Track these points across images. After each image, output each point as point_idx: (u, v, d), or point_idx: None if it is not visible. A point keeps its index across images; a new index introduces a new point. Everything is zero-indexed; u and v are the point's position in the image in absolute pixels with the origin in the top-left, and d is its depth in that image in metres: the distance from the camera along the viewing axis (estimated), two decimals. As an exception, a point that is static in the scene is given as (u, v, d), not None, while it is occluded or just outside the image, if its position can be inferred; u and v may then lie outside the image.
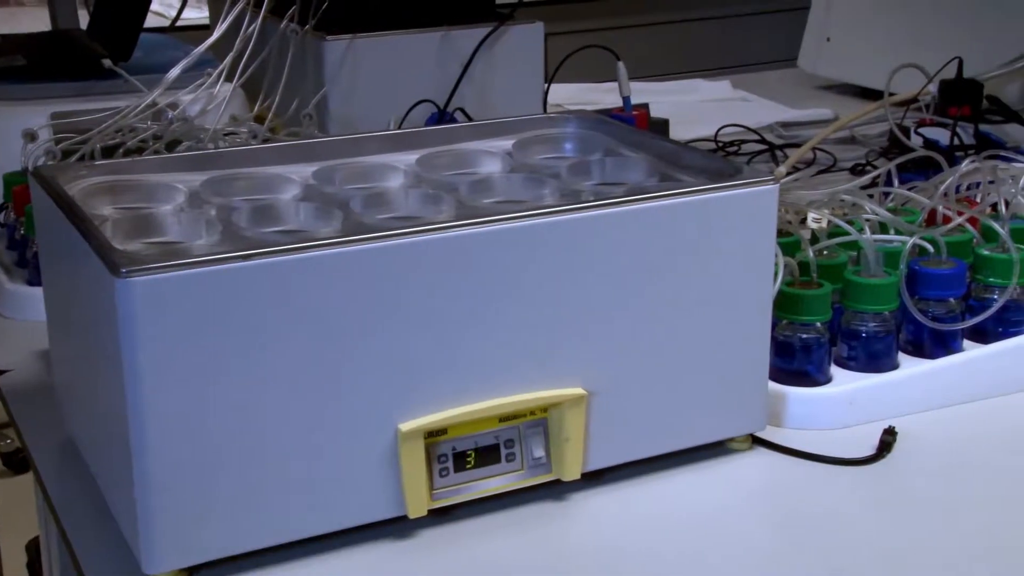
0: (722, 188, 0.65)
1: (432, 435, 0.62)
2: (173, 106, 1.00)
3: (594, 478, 0.67)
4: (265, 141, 0.98)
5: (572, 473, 0.65)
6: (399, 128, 1.06)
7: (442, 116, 1.13)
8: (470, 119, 1.13)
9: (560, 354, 0.64)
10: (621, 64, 1.20)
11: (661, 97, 1.55)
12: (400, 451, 0.61)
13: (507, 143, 0.80)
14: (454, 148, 0.78)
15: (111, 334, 0.55)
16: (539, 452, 0.65)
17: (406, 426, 0.61)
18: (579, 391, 0.64)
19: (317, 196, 0.70)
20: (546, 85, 1.26)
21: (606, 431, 0.66)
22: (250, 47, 1.02)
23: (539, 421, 0.65)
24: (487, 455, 0.64)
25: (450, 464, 0.63)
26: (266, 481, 0.59)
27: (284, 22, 1.10)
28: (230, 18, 1.01)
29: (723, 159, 0.74)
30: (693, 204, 0.65)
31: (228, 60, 1.02)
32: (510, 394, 0.63)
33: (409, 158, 0.77)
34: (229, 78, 1.03)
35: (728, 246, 0.66)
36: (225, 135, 0.99)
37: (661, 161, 0.74)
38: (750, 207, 0.66)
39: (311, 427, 0.59)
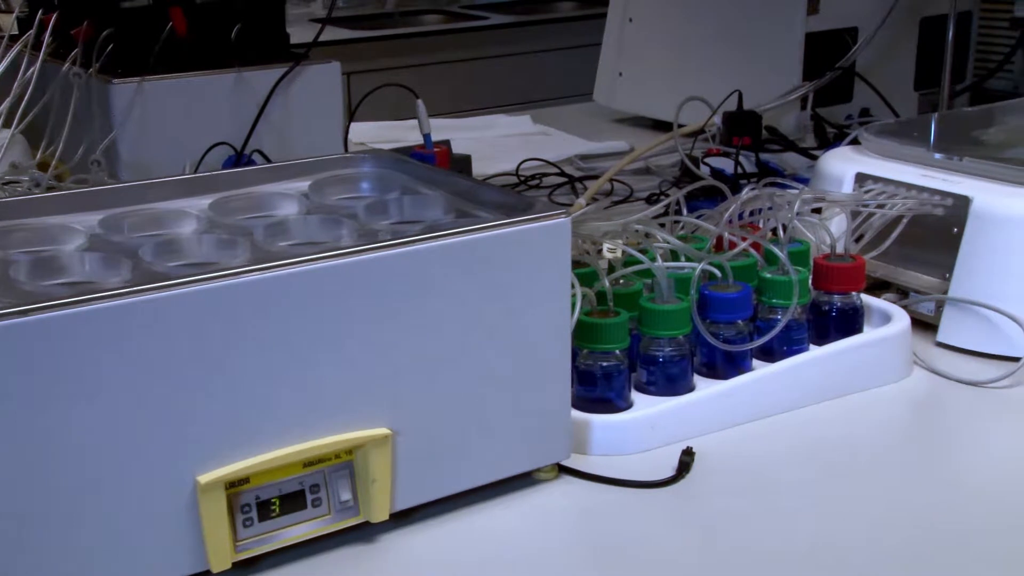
0: (516, 223, 0.67)
1: (233, 485, 0.61)
2: (-55, 155, 0.95)
3: (403, 517, 0.67)
4: (49, 189, 0.94)
5: (380, 514, 0.65)
6: (195, 172, 1.04)
7: (239, 159, 1.11)
8: (269, 161, 1.11)
9: (362, 395, 0.63)
10: (420, 102, 1.21)
11: (463, 133, 1.58)
12: (200, 504, 0.59)
13: (304, 184, 0.79)
14: (249, 191, 0.77)
15: None
16: (346, 495, 0.64)
17: (205, 478, 0.59)
18: (384, 431, 0.64)
19: (104, 245, 0.68)
20: (347, 124, 1.25)
21: (413, 470, 0.66)
22: (29, 91, 0.98)
23: (345, 464, 0.64)
24: (292, 502, 0.63)
25: (254, 514, 0.62)
26: (55, 544, 0.56)
27: (66, 65, 1.06)
28: (6, 61, 0.97)
29: (517, 194, 0.75)
30: (487, 240, 0.66)
31: (5, 105, 0.98)
32: (313, 438, 0.62)
33: (202, 203, 0.75)
34: (7, 124, 0.99)
35: (525, 279, 0.67)
36: (4, 184, 0.95)
37: (458, 198, 0.75)
38: (544, 240, 0.68)
39: (101, 485, 0.57)
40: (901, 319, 0.88)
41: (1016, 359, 0.86)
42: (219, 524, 0.60)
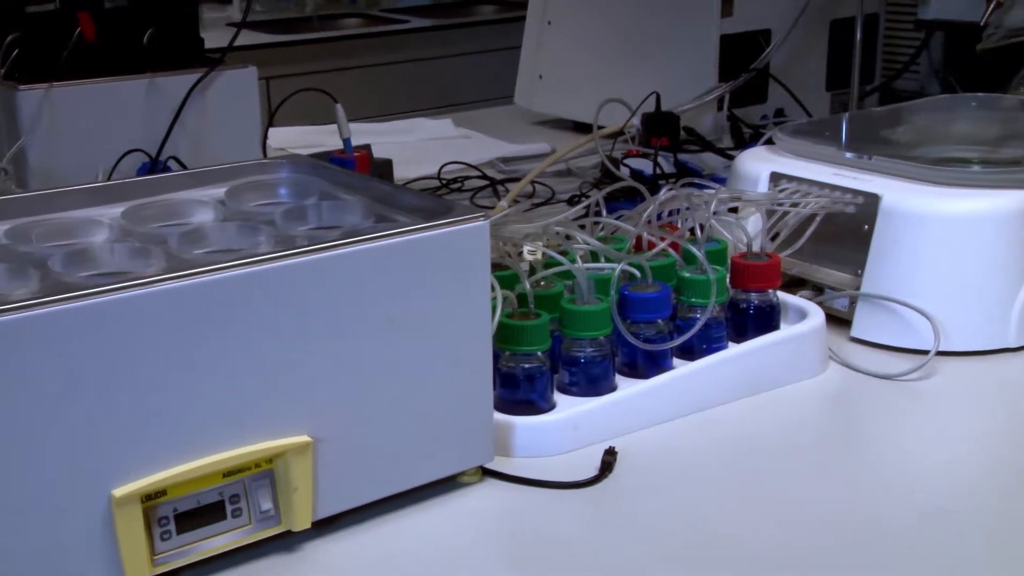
0: (434, 227, 0.67)
1: (150, 497, 0.59)
2: None
3: (326, 525, 0.66)
4: (-46, 199, 0.91)
5: (302, 523, 0.64)
6: (108, 180, 1.01)
7: (154, 166, 1.09)
8: (185, 168, 1.09)
9: (282, 403, 0.63)
10: (339, 106, 1.20)
11: (384, 138, 1.57)
12: (115, 518, 0.58)
13: (220, 191, 0.78)
14: (163, 199, 0.76)
15: None
16: (267, 504, 0.63)
17: (120, 491, 0.58)
18: (304, 439, 0.64)
19: (10, 256, 0.66)
20: (265, 129, 1.24)
21: (335, 477, 0.65)
22: (-69, 98, 0.95)
23: (265, 473, 0.63)
24: (211, 513, 0.62)
25: (172, 526, 0.61)
26: (-35, 567, 0.54)
27: (-30, 71, 1.04)
28: (-92, 68, 0.94)
29: (436, 198, 0.75)
30: (406, 244, 0.65)
31: (-92, 113, 0.95)
32: (232, 447, 0.62)
33: (115, 211, 0.74)
34: (-91, 132, 0.96)
35: (445, 283, 0.67)
36: (-92, 194, 0.92)
37: (377, 203, 0.74)
38: (463, 244, 0.68)
39: (12, 500, 0.55)
40: (816, 315, 0.89)
41: (925, 352, 0.88)
42: (135, 538, 0.59)
